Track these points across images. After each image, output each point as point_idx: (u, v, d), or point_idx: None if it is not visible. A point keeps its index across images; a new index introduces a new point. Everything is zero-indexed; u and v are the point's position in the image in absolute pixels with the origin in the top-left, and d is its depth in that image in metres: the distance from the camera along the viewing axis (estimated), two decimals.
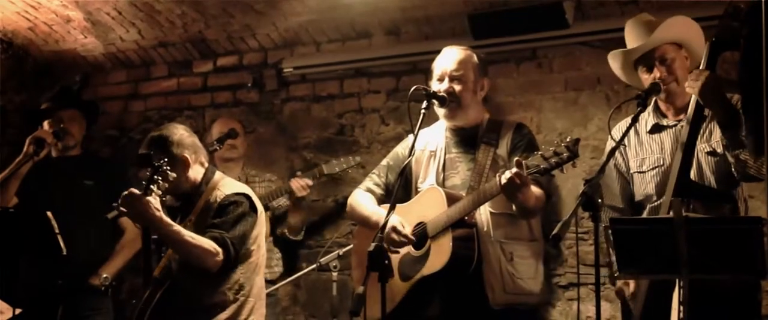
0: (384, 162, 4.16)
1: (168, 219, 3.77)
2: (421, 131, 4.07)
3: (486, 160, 3.83)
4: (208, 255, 3.74)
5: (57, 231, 4.29)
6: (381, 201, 4.05)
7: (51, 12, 6.15)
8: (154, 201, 3.73)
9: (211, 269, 3.77)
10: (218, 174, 4.08)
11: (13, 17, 6.24)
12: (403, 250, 3.87)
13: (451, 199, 3.74)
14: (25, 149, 4.99)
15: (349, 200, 4.16)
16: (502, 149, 3.85)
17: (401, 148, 4.11)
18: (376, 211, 3.98)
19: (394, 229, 3.76)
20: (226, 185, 3.99)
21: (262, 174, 5.54)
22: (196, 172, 4.00)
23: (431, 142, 4.02)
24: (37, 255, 4.66)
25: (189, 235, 3.76)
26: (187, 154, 3.96)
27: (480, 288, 3.69)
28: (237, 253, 3.82)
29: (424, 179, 3.97)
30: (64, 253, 4.33)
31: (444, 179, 3.92)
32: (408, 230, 3.81)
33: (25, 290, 4.79)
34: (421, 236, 3.80)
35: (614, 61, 4.00)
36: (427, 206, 3.82)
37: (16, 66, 6.72)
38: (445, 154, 3.96)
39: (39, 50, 6.71)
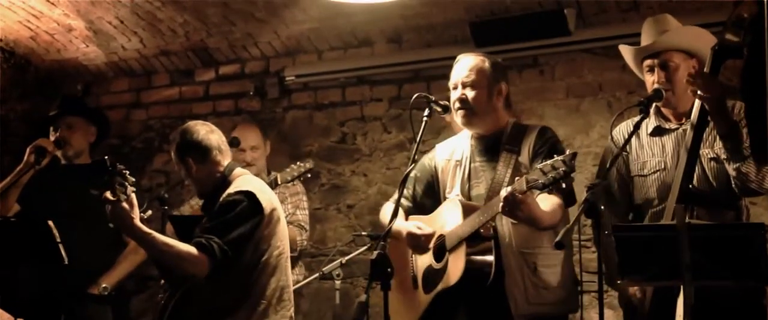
0: (412, 173, 4.10)
1: (143, 227, 3.67)
2: (448, 140, 4.06)
3: (507, 169, 3.78)
4: (186, 262, 3.65)
5: (58, 240, 4.28)
6: (410, 212, 4.03)
7: (53, 21, 6.16)
8: (128, 207, 3.63)
9: (195, 275, 3.69)
10: (237, 172, 3.97)
11: (15, 26, 6.25)
12: (426, 262, 3.85)
13: (467, 211, 3.70)
14: (25, 158, 4.98)
15: (380, 213, 4.15)
16: (524, 156, 3.79)
17: (427, 159, 4.09)
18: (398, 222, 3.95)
19: (409, 233, 3.74)
20: (235, 184, 3.89)
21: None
22: (210, 171, 3.94)
23: (457, 150, 3.99)
24: (38, 264, 4.65)
25: (164, 242, 3.67)
26: (191, 157, 3.92)
27: (502, 300, 3.66)
28: (228, 257, 3.69)
29: (451, 189, 3.93)
30: (65, 262, 4.31)
31: (469, 189, 3.87)
32: (427, 230, 3.79)
33: (26, 299, 4.79)
34: (441, 249, 3.79)
35: (626, 54, 3.98)
36: (446, 218, 3.79)
37: (18, 75, 6.72)
38: (469, 163, 3.91)
39: (41, 59, 6.72)
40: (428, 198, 3.95)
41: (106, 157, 3.74)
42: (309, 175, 5.06)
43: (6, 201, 4.97)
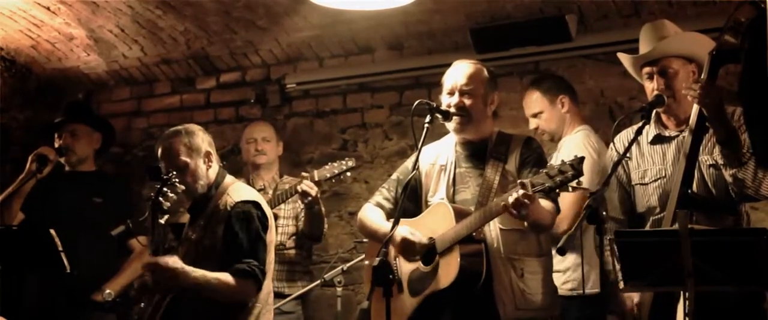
0: (393, 176, 4.13)
1: (192, 275, 3.75)
2: (431, 144, 4.06)
3: (495, 175, 3.81)
4: (238, 293, 3.78)
5: (60, 248, 4.28)
6: (390, 215, 4.03)
7: (54, 30, 6.16)
8: (173, 260, 3.73)
9: (245, 302, 3.82)
10: (229, 178, 4.04)
11: (16, 35, 6.25)
12: (413, 265, 3.86)
13: (460, 215, 3.71)
14: (27, 166, 4.98)
15: (359, 215, 4.14)
16: (511, 164, 3.83)
17: (410, 162, 4.10)
18: (383, 225, 3.96)
19: (405, 239, 3.75)
20: (236, 191, 3.95)
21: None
22: (209, 175, 3.98)
23: (442, 155, 4.00)
24: (41, 272, 4.65)
25: (217, 281, 3.75)
26: (190, 160, 3.94)
27: (491, 304, 3.67)
28: (264, 274, 3.83)
29: (434, 193, 3.95)
30: (68, 270, 4.32)
31: (454, 193, 3.89)
32: (419, 236, 3.80)
33: (29, 306, 4.79)
34: (430, 252, 3.79)
35: (625, 62, 3.98)
36: (436, 221, 3.80)
37: (19, 84, 6.73)
38: (455, 169, 3.93)
39: (42, 68, 6.73)
40: (409, 202, 3.95)
41: (160, 165, 3.86)
42: (349, 174, 5.05)
43: (9, 209, 4.98)
